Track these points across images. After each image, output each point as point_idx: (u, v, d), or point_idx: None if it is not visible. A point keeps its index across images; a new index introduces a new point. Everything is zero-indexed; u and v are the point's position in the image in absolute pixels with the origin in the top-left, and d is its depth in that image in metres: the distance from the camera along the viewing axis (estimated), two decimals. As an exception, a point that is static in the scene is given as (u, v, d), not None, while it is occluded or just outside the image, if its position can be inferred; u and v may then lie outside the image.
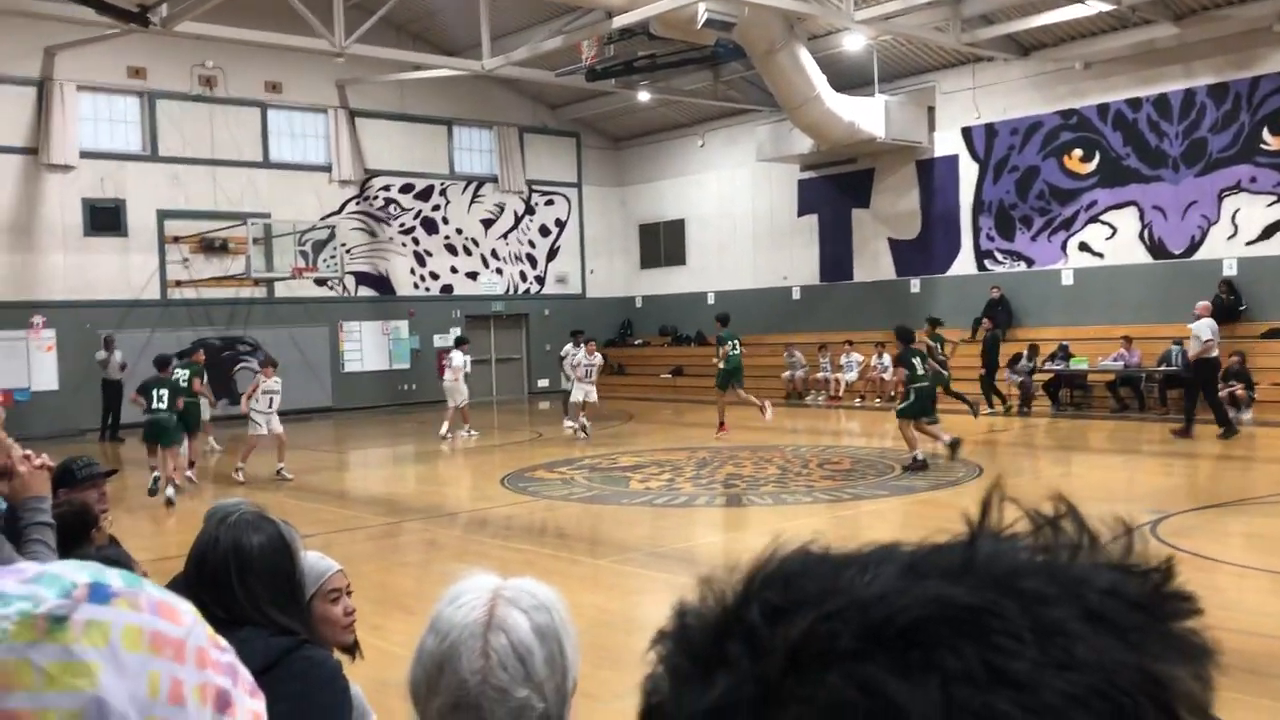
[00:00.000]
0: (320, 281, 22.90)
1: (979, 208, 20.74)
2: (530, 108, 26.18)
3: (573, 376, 17.53)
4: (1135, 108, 18.58)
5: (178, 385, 13.01)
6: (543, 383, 25.85)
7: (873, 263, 22.58)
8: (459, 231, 25.33)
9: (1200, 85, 17.78)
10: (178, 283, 21.37)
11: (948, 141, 21.12)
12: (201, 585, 2.15)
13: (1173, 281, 17.84)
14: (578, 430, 16.81)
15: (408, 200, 24.54)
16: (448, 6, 22.19)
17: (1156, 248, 18.50)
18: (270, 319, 22.37)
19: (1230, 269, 17.57)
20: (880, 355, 20.01)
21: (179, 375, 13.39)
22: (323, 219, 22.88)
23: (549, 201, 26.92)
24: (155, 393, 12.49)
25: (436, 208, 24.99)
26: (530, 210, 26.56)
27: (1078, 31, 18.61)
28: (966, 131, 20.81)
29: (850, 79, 20.70)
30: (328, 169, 23.30)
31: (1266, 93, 17.10)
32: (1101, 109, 18.99)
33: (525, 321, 26.46)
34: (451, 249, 25.22)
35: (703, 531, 10.02)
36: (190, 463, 13.18)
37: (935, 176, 21.37)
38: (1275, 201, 17.18)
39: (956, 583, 0.43)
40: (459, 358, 17.68)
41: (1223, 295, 17.27)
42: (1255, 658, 5.01)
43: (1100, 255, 19.14)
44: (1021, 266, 20.17)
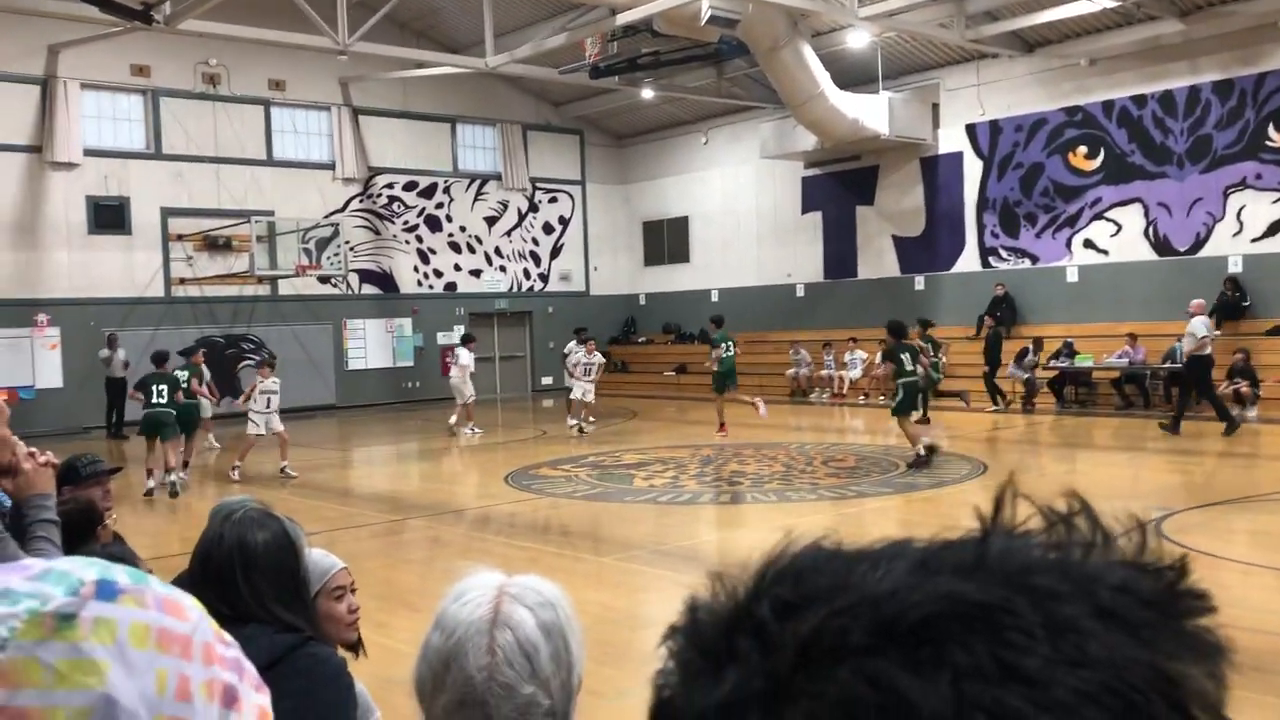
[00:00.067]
0: (324, 279, 22.92)
1: (983, 205, 20.72)
2: (534, 105, 26.19)
3: (574, 374, 17.69)
4: (1140, 104, 18.54)
5: (176, 380, 13.08)
6: (546, 380, 25.86)
7: (877, 260, 22.57)
8: (463, 229, 25.34)
9: (1205, 82, 17.74)
10: (182, 280, 21.40)
11: (952, 138, 21.10)
12: (206, 582, 2.15)
13: (1178, 278, 17.79)
14: (574, 428, 16.95)
15: (411, 198, 24.55)
16: (451, 4, 22.21)
17: (1161, 245, 18.46)
18: (274, 317, 22.39)
19: (1235, 266, 17.54)
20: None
21: (179, 375, 13.44)
22: (326, 217, 22.90)
23: (553, 199, 26.92)
24: (154, 388, 12.60)
25: (440, 205, 25.00)
26: (534, 208, 26.57)
27: (1082, 28, 18.58)
28: (971, 128, 20.79)
29: (854, 76, 20.68)
30: (331, 167, 23.32)
31: (1272, 89, 17.06)
32: (1106, 106, 18.96)
33: (529, 319, 26.47)
34: (455, 246, 25.23)
35: (706, 529, 10.02)
36: (184, 463, 13.23)
37: (939, 173, 21.35)
38: (1280, 198, 17.15)
39: (968, 579, 0.43)
40: (465, 355, 17.76)
41: (1227, 292, 17.25)
42: (1260, 655, 5.01)
43: (1105, 252, 19.11)
44: (1026, 264, 20.15)
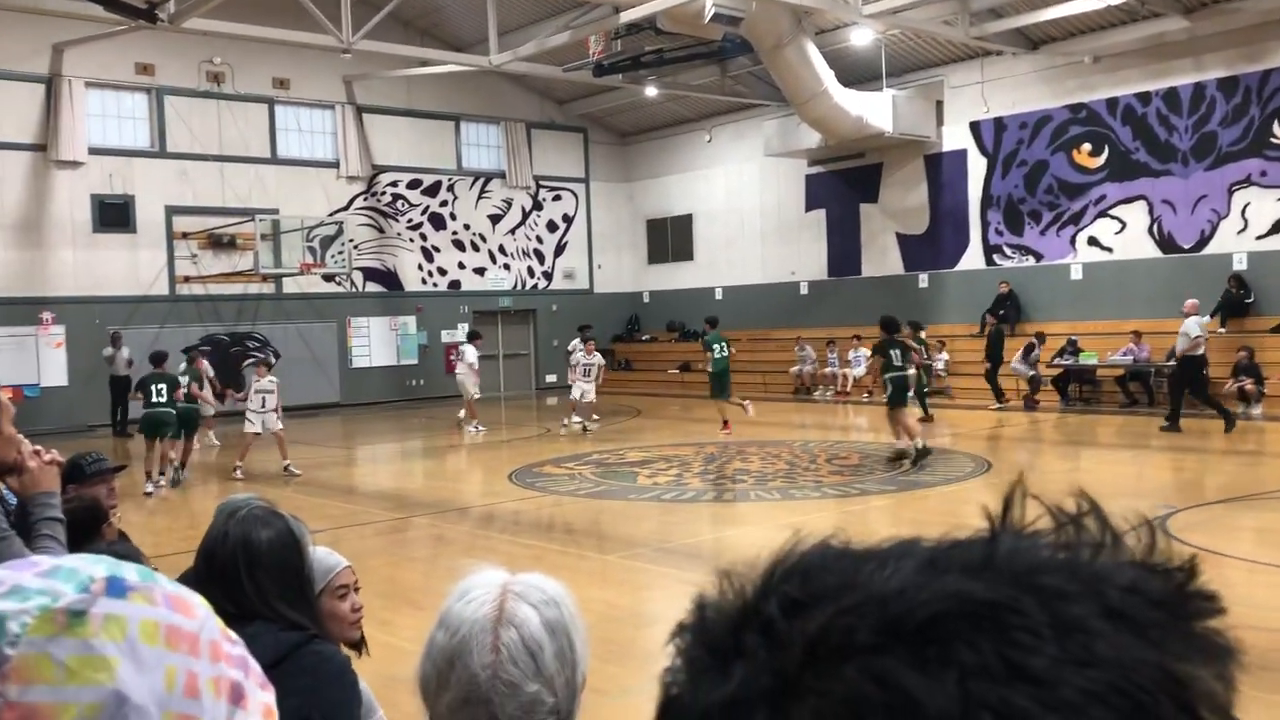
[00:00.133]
0: (328, 277, 22.95)
1: (987, 202, 20.69)
2: (538, 103, 26.18)
3: (573, 374, 17.74)
4: (1145, 101, 18.51)
5: (175, 379, 13.17)
6: (550, 378, 25.87)
7: (881, 258, 22.55)
8: (467, 227, 25.35)
9: (1210, 79, 17.70)
10: (186, 278, 21.43)
11: (956, 136, 21.07)
12: (211, 580, 2.16)
13: (1182, 276, 17.76)
14: (570, 425, 16.99)
15: (415, 196, 24.56)
16: (455, 2, 22.20)
17: (1166, 242, 18.43)
18: (278, 315, 22.42)
19: (1240, 263, 17.50)
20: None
21: (180, 378, 13.47)
22: (330, 215, 22.93)
23: (556, 197, 26.92)
24: (153, 388, 12.68)
25: (444, 203, 25.01)
26: (538, 206, 26.57)
27: (1087, 25, 18.54)
28: (975, 126, 20.76)
29: (858, 73, 20.66)
30: (335, 165, 23.34)
31: (1277, 86, 17.02)
32: (1111, 103, 18.92)
33: (533, 317, 26.48)
34: (459, 245, 25.25)
35: (710, 527, 10.02)
36: (182, 463, 13.29)
37: (943, 171, 21.32)
38: (1285, 195, 17.11)
39: (976, 578, 0.43)
40: (471, 352, 17.79)
41: (1232, 290, 17.22)
42: (1266, 653, 5.00)
43: (1109, 250, 19.08)
44: (1030, 261, 20.12)
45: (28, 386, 19.19)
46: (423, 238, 24.66)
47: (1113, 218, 19.02)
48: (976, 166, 20.80)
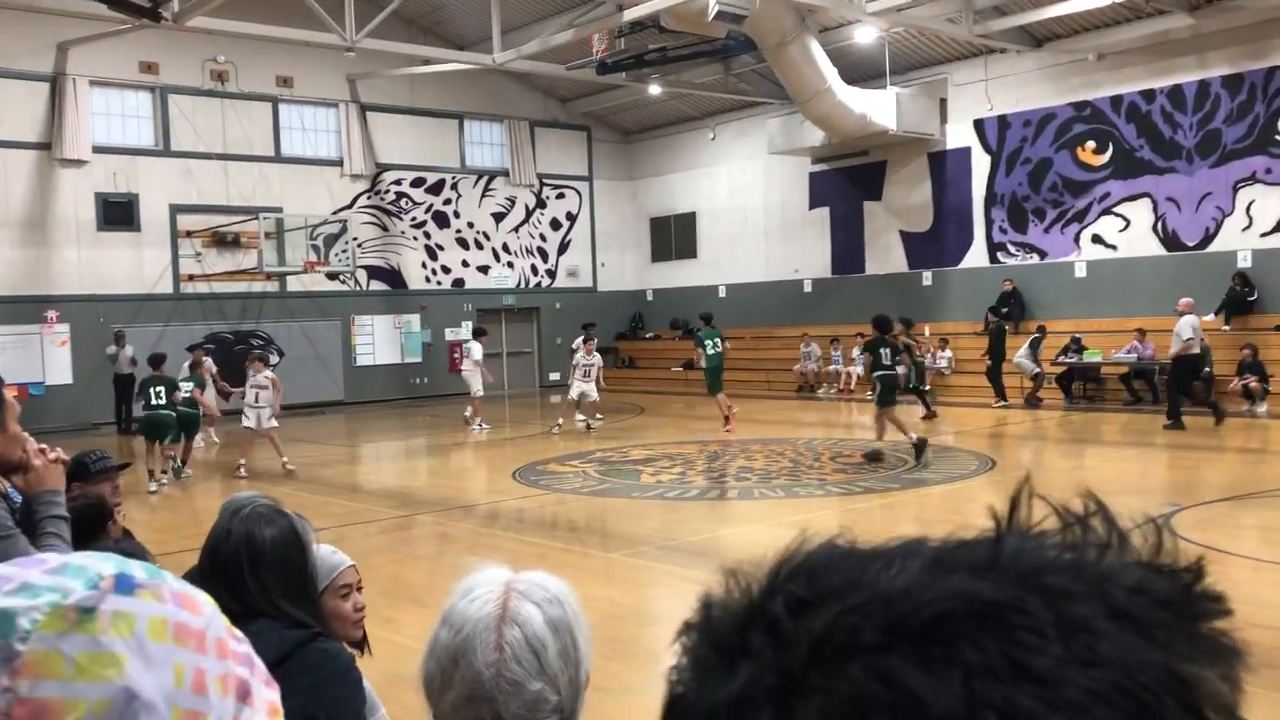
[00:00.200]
0: (332, 275, 22.96)
1: (991, 200, 20.67)
2: (541, 101, 26.18)
3: (573, 374, 17.66)
4: (1149, 99, 18.47)
5: (174, 381, 13.25)
6: (554, 376, 25.87)
7: (884, 255, 22.53)
8: (470, 225, 25.36)
9: (1214, 76, 17.66)
10: (190, 277, 21.45)
11: (960, 134, 21.05)
12: (215, 577, 2.16)
13: (1186, 274, 17.74)
14: (562, 427, 16.84)
15: (419, 194, 24.57)
16: (458, 0, 22.20)
17: (1170, 240, 18.40)
18: (282, 313, 22.45)
19: (1244, 261, 17.47)
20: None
21: (184, 387, 13.50)
22: (334, 213, 22.94)
23: (560, 195, 26.92)
24: (152, 390, 12.75)
25: (448, 201, 25.02)
26: (541, 204, 26.58)
27: (1091, 23, 18.52)
28: (979, 123, 20.73)
29: (862, 71, 20.64)
30: (339, 163, 23.36)
31: (1281, 84, 16.99)
32: (1115, 100, 18.89)
33: (536, 315, 26.49)
34: (463, 243, 25.26)
35: (714, 525, 10.02)
36: (182, 460, 13.33)
37: (947, 169, 21.30)
38: (1290, 193, 17.08)
39: (981, 578, 0.43)
40: (477, 349, 17.77)
41: (1236, 287, 17.19)
42: (1270, 651, 4.99)
43: (1114, 247, 19.05)
44: (1034, 259, 20.10)
45: (33, 385, 19.22)
46: (426, 236, 24.68)
47: (1117, 215, 19.00)
48: (980, 164, 20.78)
